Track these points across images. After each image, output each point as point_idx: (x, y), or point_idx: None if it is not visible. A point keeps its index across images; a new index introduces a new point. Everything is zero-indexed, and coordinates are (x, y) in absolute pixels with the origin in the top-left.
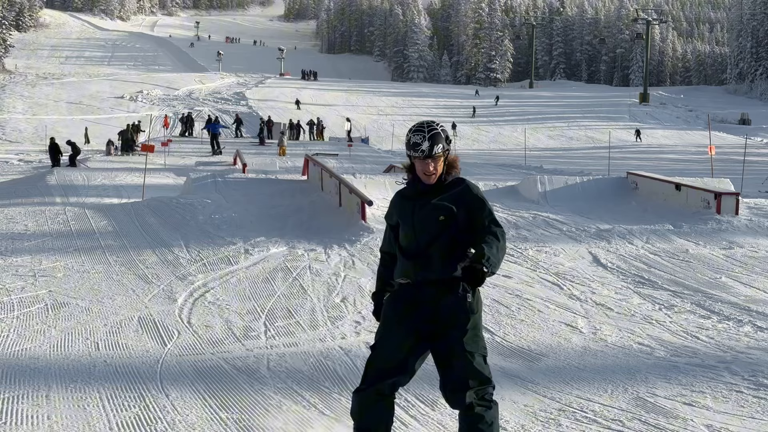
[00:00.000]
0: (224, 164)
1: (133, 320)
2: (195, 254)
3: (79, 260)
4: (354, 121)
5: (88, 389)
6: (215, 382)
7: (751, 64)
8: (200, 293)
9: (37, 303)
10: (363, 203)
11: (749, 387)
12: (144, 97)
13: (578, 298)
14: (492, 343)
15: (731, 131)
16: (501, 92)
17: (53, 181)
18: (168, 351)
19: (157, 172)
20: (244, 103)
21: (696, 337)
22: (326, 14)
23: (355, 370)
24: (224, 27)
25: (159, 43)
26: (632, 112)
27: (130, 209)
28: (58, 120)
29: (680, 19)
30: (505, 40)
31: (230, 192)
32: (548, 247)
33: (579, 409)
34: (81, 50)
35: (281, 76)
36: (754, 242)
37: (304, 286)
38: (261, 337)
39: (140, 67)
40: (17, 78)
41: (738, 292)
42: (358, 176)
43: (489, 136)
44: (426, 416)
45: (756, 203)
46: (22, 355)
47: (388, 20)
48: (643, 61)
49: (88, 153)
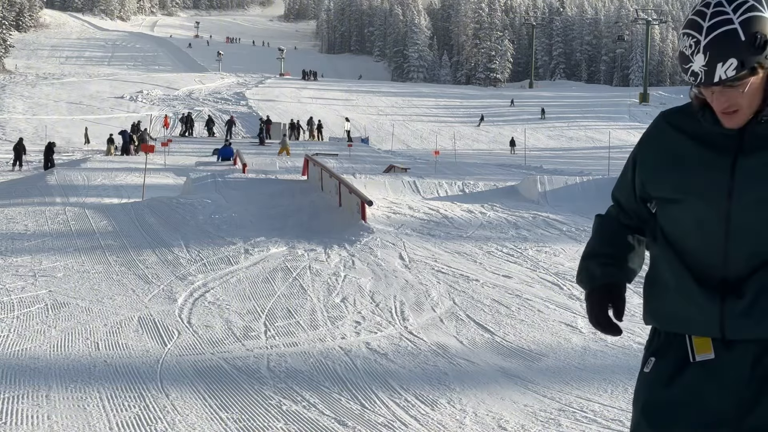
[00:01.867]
0: (224, 164)
1: (133, 320)
2: (195, 254)
3: (79, 260)
4: (354, 121)
5: (88, 389)
6: (215, 382)
7: None
8: (200, 293)
9: (37, 303)
10: (363, 203)
11: None
12: (144, 97)
13: (578, 298)
14: (492, 343)
15: None
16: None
17: (53, 181)
18: (168, 351)
19: (157, 172)
20: (244, 103)
21: None
22: (326, 14)
23: (354, 370)
24: (224, 27)
25: (159, 43)
26: (632, 112)
27: (130, 209)
28: (58, 120)
29: (680, 19)
30: (505, 40)
31: (230, 192)
32: (548, 247)
33: (579, 409)
34: (81, 50)
35: (281, 76)
36: None
37: (304, 286)
38: (261, 337)
39: (140, 67)
40: (17, 78)
41: None
42: (358, 176)
43: (489, 136)
44: (426, 416)
45: None
46: (22, 355)
47: (388, 20)
48: (643, 61)
49: (88, 153)
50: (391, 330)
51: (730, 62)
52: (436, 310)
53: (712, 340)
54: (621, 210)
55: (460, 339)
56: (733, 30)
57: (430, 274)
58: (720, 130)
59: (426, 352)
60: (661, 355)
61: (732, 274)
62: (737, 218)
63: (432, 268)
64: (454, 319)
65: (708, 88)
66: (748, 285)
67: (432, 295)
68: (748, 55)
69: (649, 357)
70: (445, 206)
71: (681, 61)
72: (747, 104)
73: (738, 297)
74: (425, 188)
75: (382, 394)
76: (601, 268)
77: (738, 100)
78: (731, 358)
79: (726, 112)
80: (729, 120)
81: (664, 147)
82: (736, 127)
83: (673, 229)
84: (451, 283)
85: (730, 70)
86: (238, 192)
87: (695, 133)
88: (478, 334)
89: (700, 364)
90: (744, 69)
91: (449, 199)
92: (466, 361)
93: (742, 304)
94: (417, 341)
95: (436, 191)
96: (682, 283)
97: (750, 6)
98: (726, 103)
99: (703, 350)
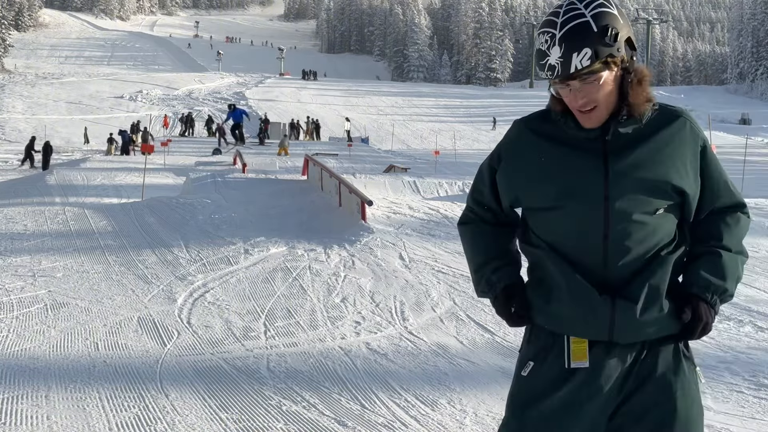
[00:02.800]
0: (224, 164)
1: (133, 320)
2: (195, 254)
3: (78, 260)
4: (354, 120)
5: (88, 389)
6: (215, 382)
7: (751, 63)
8: (200, 293)
9: (36, 303)
10: (363, 203)
11: (750, 387)
12: (143, 96)
13: None
14: (492, 342)
15: (732, 131)
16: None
17: (52, 181)
18: (168, 351)
19: (157, 172)
20: (243, 103)
21: None
22: (326, 14)
23: (354, 370)
24: (224, 27)
25: (158, 43)
26: None
27: (129, 209)
28: (58, 120)
29: (680, 19)
30: (506, 40)
31: (230, 192)
32: None
33: None
34: (80, 50)
35: (281, 76)
36: (755, 242)
37: (304, 286)
38: (261, 337)
39: (140, 66)
40: (17, 78)
41: (738, 292)
42: (358, 176)
43: (489, 136)
44: (426, 416)
45: (756, 203)
46: (21, 356)
47: (388, 20)
48: (644, 61)
49: (87, 153)
50: (391, 330)
51: (584, 52)
52: (437, 310)
53: (591, 344)
54: (484, 213)
55: (460, 339)
56: (586, 22)
57: (430, 274)
58: (584, 134)
59: (426, 353)
60: (540, 360)
61: (613, 275)
62: (615, 220)
63: (432, 268)
64: (455, 319)
65: (565, 86)
66: (635, 289)
67: (432, 295)
68: (600, 45)
69: (528, 361)
70: (445, 206)
71: (538, 58)
72: (603, 101)
73: (628, 301)
74: (425, 188)
75: (382, 395)
76: (496, 274)
77: (595, 96)
78: (609, 364)
79: (584, 110)
80: (587, 119)
81: (535, 158)
82: (594, 127)
83: (552, 234)
84: (452, 283)
85: (585, 60)
86: (238, 192)
87: (562, 139)
88: (478, 334)
89: (577, 371)
90: (598, 59)
91: (449, 199)
92: (466, 361)
93: (633, 308)
94: (417, 341)
95: (436, 191)
96: (573, 285)
97: (600, 3)
98: (584, 99)
99: (579, 357)
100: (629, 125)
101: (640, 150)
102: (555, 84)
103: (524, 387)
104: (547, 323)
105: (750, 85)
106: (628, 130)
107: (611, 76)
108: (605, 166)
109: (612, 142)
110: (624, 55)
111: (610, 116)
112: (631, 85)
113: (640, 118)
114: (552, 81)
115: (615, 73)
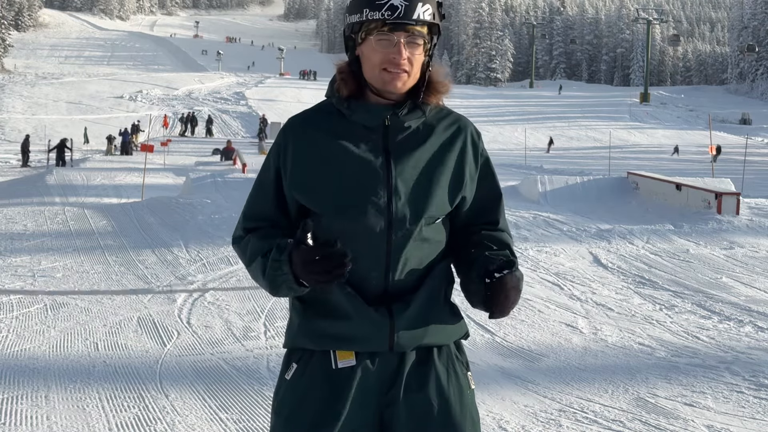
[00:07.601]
0: (224, 164)
1: (133, 320)
2: (195, 254)
3: (78, 260)
4: None
5: (88, 390)
6: (215, 382)
7: (751, 63)
8: (200, 293)
9: (36, 303)
10: None
11: (750, 387)
12: (143, 96)
13: (578, 299)
14: (492, 343)
15: (732, 131)
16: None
17: (52, 181)
18: (167, 351)
19: (157, 172)
20: (243, 103)
21: (697, 338)
22: (326, 14)
23: None
24: (224, 27)
25: (158, 43)
26: (633, 112)
27: (129, 209)
28: (58, 120)
29: (681, 19)
30: (506, 40)
31: (230, 192)
32: (548, 247)
33: (579, 410)
34: (80, 50)
35: (281, 75)
36: (755, 242)
37: None
38: (261, 338)
39: (140, 66)
40: (16, 78)
41: (739, 293)
42: None
43: (489, 136)
44: None
45: (756, 203)
46: (21, 356)
47: None
48: (644, 61)
49: (87, 153)
50: None
51: (427, 7)
52: None
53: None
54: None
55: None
56: None
57: None
58: (364, 121)
59: None
60: (304, 361)
61: (394, 286)
62: (396, 223)
63: None
64: None
65: (394, 35)
66: (412, 297)
67: None
68: (437, 13)
69: (291, 363)
70: None
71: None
72: (412, 74)
73: (404, 310)
74: None
75: None
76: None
77: (413, 60)
78: (379, 364)
79: (399, 69)
80: (395, 80)
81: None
82: (396, 91)
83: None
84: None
85: (427, 14)
86: (238, 192)
87: (342, 133)
88: (478, 334)
89: (343, 372)
90: (434, 21)
91: None
92: None
93: (408, 317)
94: None
95: None
96: (351, 301)
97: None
98: (405, 56)
99: (345, 356)
100: (413, 118)
101: (421, 151)
102: (382, 32)
103: (288, 388)
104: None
105: (750, 85)
106: (407, 127)
107: (422, 56)
108: (387, 168)
109: (391, 140)
110: (435, 41)
111: (395, 103)
112: (431, 75)
113: (424, 113)
114: (380, 28)
115: (425, 54)
